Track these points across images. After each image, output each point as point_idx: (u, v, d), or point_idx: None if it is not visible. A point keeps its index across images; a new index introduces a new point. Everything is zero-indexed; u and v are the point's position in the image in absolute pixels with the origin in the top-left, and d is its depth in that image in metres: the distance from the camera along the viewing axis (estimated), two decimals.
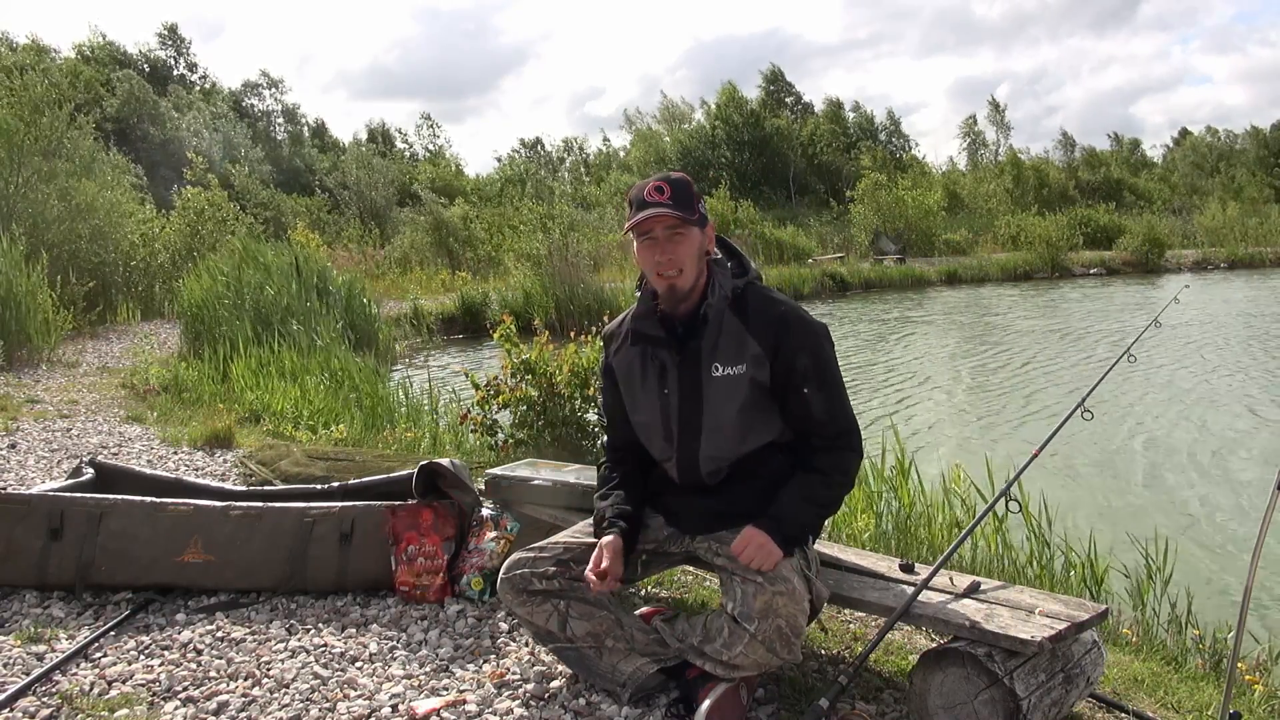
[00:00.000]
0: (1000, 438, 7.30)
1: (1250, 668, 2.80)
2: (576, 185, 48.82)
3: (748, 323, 2.19)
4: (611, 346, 2.39)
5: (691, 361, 2.20)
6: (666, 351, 2.23)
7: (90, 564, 2.85)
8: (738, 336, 2.18)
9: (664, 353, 2.24)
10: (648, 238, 2.17)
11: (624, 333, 2.35)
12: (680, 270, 2.17)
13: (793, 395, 2.17)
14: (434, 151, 54.74)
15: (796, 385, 2.16)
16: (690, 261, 2.17)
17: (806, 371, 2.16)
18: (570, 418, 4.73)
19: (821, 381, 2.17)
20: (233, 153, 29.77)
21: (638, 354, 2.29)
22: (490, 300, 15.30)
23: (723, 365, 2.18)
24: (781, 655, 2.01)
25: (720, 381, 2.18)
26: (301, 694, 2.28)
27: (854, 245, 29.57)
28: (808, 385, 2.16)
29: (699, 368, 2.20)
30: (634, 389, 2.30)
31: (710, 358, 2.19)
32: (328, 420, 5.83)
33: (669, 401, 2.23)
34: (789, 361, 2.15)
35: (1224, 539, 4.86)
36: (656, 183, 2.18)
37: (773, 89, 53.00)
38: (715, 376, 2.18)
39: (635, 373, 2.29)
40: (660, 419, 2.25)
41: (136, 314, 12.88)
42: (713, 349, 2.19)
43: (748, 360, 2.16)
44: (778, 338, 2.16)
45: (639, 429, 2.32)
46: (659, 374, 2.25)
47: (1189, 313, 15.52)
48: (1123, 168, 55.88)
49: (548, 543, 2.33)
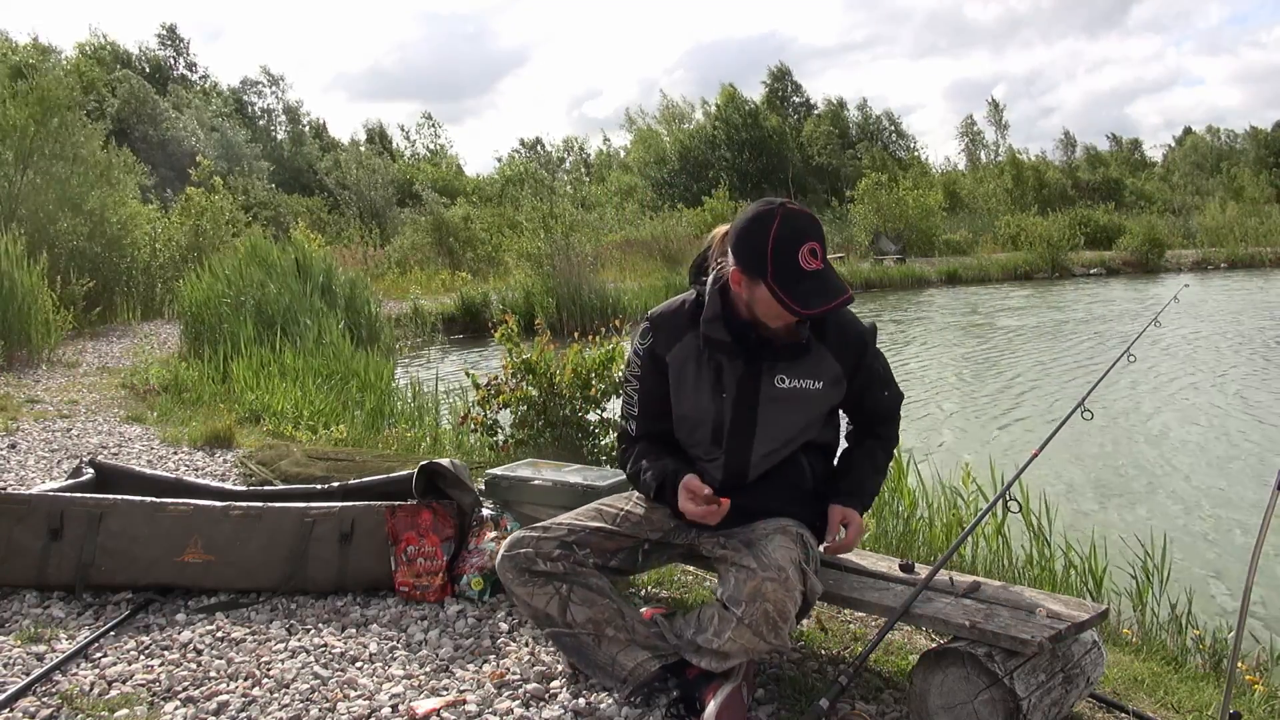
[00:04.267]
0: (1001, 437, 7.30)
1: (1250, 668, 2.81)
2: (577, 185, 48.82)
3: (826, 341, 2.21)
4: (662, 335, 2.29)
5: (753, 370, 2.19)
6: (726, 356, 2.19)
7: (90, 564, 2.85)
8: (815, 354, 2.19)
9: (722, 356, 2.20)
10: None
11: (681, 325, 2.26)
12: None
13: (868, 399, 2.33)
14: (434, 151, 54.75)
15: (875, 393, 2.33)
16: None
17: (881, 380, 2.33)
18: (571, 418, 4.73)
19: (889, 381, 2.36)
20: (232, 152, 29.76)
21: (694, 351, 2.23)
22: (491, 300, 15.30)
23: (790, 378, 2.18)
24: (769, 640, 2.01)
25: (785, 393, 2.19)
26: (301, 694, 2.28)
27: (854, 245, 29.58)
28: (886, 389, 2.35)
29: (759, 376, 2.19)
30: (685, 385, 2.25)
31: (774, 369, 2.18)
32: (328, 420, 5.84)
33: (724, 405, 2.20)
34: (866, 377, 2.29)
35: (1224, 539, 4.86)
36: (810, 243, 2.03)
37: (778, 86, 52.95)
38: (780, 387, 2.19)
39: (690, 369, 2.24)
40: (711, 420, 2.22)
41: (137, 314, 12.88)
42: (778, 360, 2.18)
43: (825, 379, 2.21)
44: (858, 358, 2.25)
45: (680, 423, 2.29)
46: (715, 375, 2.21)
47: (1190, 311, 15.53)
48: (1123, 168, 55.87)
49: (551, 523, 2.31)
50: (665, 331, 2.28)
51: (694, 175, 44.04)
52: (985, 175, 48.68)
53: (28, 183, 11.77)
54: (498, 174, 48.77)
